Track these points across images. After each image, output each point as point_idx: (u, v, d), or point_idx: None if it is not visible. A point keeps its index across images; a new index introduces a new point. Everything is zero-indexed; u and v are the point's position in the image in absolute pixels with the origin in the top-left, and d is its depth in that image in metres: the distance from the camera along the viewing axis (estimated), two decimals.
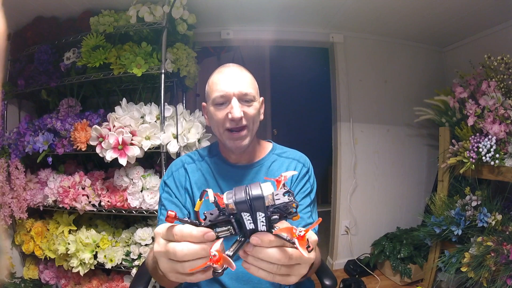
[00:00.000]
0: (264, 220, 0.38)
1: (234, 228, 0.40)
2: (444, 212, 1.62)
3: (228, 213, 0.39)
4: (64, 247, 1.47)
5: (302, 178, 0.87)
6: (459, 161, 1.58)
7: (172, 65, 1.48)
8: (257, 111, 0.82)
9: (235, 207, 0.38)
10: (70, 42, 1.58)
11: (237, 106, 0.76)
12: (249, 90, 0.79)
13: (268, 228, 0.39)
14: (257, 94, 0.83)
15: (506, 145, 1.42)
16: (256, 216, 0.38)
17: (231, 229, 0.40)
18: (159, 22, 1.48)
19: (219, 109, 0.79)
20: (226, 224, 0.40)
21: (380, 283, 2.01)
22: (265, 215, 0.38)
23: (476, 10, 1.67)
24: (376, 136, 2.25)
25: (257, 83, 0.85)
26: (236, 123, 0.77)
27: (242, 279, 0.81)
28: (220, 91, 0.77)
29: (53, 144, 1.48)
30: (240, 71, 0.82)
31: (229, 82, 0.78)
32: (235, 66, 0.83)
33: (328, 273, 0.91)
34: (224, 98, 0.78)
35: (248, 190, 0.38)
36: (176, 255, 0.39)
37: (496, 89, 1.48)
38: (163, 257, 0.41)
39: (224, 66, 0.83)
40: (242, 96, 0.78)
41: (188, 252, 0.39)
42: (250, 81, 0.81)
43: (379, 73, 2.24)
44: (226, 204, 0.38)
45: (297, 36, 2.09)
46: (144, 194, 1.42)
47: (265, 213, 0.38)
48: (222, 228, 0.40)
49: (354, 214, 2.23)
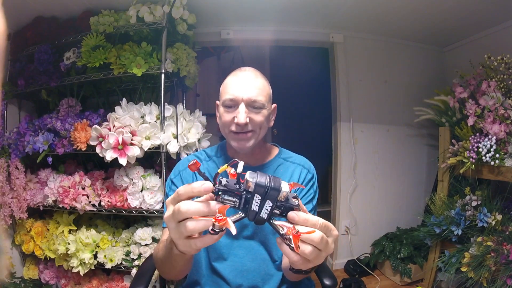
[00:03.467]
0: (269, 209, 0.42)
1: (240, 203, 0.42)
2: (444, 212, 1.63)
3: (244, 189, 0.42)
4: (64, 247, 1.47)
5: (306, 184, 0.89)
6: (459, 161, 1.58)
7: (172, 65, 1.48)
8: (265, 118, 0.82)
9: (253, 186, 0.41)
10: (70, 42, 1.58)
11: (243, 112, 0.77)
12: (259, 97, 0.79)
13: (268, 217, 0.43)
14: (268, 101, 0.83)
15: (506, 145, 1.42)
16: (265, 203, 0.42)
17: (237, 202, 0.42)
18: (159, 22, 1.48)
19: (227, 111, 0.81)
20: (235, 196, 0.42)
21: (380, 283, 2.01)
22: (272, 205, 0.42)
23: (476, 10, 1.67)
24: (376, 136, 2.26)
25: None
26: (241, 128, 0.79)
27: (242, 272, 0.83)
28: (230, 94, 0.79)
29: (53, 144, 1.48)
30: (254, 77, 0.82)
31: (240, 87, 0.79)
32: (251, 71, 0.83)
33: (328, 273, 0.91)
34: (233, 102, 0.79)
35: (271, 179, 0.42)
36: (180, 210, 0.42)
37: (496, 89, 1.48)
38: (171, 221, 0.44)
39: (240, 70, 0.84)
40: (250, 103, 0.79)
41: (190, 206, 0.42)
42: (262, 88, 0.81)
43: (379, 73, 2.24)
44: (247, 180, 0.41)
45: (297, 36, 2.09)
46: (144, 194, 1.42)
47: (273, 204, 0.42)
48: (229, 198, 0.42)
49: (354, 214, 2.23)
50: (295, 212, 0.43)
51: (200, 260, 0.86)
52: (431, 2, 1.62)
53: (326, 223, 0.45)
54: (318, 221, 0.44)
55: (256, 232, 0.85)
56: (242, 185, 0.42)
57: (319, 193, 0.92)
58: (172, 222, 0.43)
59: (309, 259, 0.43)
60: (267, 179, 0.41)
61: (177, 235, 0.44)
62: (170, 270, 0.70)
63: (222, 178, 0.43)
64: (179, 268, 0.67)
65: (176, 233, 0.44)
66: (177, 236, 0.44)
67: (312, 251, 0.42)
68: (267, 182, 0.41)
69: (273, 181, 0.41)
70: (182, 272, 0.74)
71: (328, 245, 0.44)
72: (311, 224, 0.43)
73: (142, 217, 1.58)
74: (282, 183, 0.42)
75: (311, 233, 0.41)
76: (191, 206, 0.42)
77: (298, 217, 0.43)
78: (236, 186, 0.42)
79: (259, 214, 0.42)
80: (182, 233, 0.43)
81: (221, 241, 0.83)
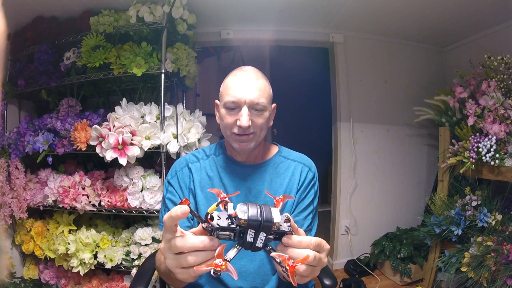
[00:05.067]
0: (263, 239, 0.43)
1: (235, 235, 0.44)
2: (444, 212, 1.63)
3: (236, 224, 0.43)
4: (64, 247, 1.47)
5: (308, 184, 0.88)
6: (459, 161, 1.58)
7: (172, 65, 1.48)
8: (266, 119, 0.82)
9: (246, 222, 0.41)
10: (70, 42, 1.58)
11: (246, 115, 0.77)
12: (261, 99, 0.78)
13: (263, 246, 0.44)
14: (269, 102, 0.83)
15: (506, 145, 1.42)
16: (259, 235, 0.43)
17: (231, 235, 0.43)
18: (159, 22, 1.48)
19: (229, 114, 0.80)
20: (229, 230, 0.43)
21: (380, 283, 2.01)
22: (266, 236, 0.43)
23: (476, 10, 1.67)
24: (376, 136, 2.26)
25: None
26: (244, 130, 0.78)
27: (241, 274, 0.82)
28: (232, 96, 0.78)
29: (53, 144, 1.48)
30: (255, 78, 0.80)
31: (242, 89, 0.78)
32: (252, 71, 0.82)
33: (328, 273, 0.91)
34: (235, 104, 0.78)
35: (262, 211, 0.42)
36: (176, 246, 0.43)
37: (496, 89, 1.48)
38: (168, 252, 0.44)
39: (241, 70, 0.83)
40: (253, 105, 0.78)
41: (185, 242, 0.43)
42: (264, 89, 0.80)
43: (379, 73, 2.24)
44: (239, 218, 0.41)
45: (297, 36, 2.08)
46: (144, 194, 1.42)
47: (267, 234, 0.43)
48: (224, 232, 0.43)
49: (354, 214, 2.23)
50: (288, 237, 0.45)
51: None
52: (431, 2, 1.62)
53: (319, 241, 0.47)
54: (311, 241, 0.46)
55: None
56: (234, 220, 0.43)
57: (319, 193, 0.92)
58: (169, 254, 0.44)
59: (305, 275, 0.46)
60: (258, 212, 0.42)
61: (175, 265, 0.44)
62: (172, 283, 0.74)
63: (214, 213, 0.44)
64: (181, 284, 0.73)
65: (173, 263, 0.44)
66: (174, 266, 0.44)
67: (307, 269, 0.45)
68: (258, 216, 0.42)
69: (265, 214, 0.42)
70: (183, 284, 0.76)
71: (321, 260, 0.46)
72: (305, 246, 0.45)
73: (142, 217, 1.58)
74: (274, 213, 0.43)
75: (307, 259, 0.43)
76: (186, 242, 0.42)
77: (292, 241, 0.45)
78: (228, 221, 0.43)
79: (255, 245, 0.43)
80: (180, 264, 0.43)
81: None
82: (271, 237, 0.45)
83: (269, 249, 0.45)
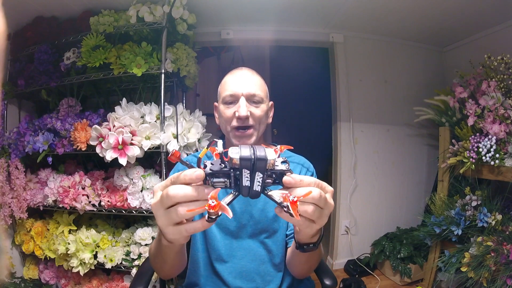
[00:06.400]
0: (260, 180, 0.40)
1: (231, 181, 0.41)
2: (444, 212, 1.62)
3: (230, 167, 0.40)
4: (64, 247, 1.47)
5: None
6: (459, 161, 1.58)
7: (172, 65, 1.48)
8: (264, 113, 0.86)
9: (239, 162, 0.39)
10: (70, 42, 1.58)
11: (244, 105, 0.81)
12: (258, 92, 0.83)
13: (262, 189, 0.41)
14: (266, 97, 0.88)
15: (506, 145, 1.42)
16: (255, 176, 0.40)
17: (227, 182, 0.41)
18: (159, 22, 1.48)
19: (227, 108, 0.84)
20: (224, 177, 0.41)
21: (380, 283, 2.01)
22: (263, 176, 0.40)
23: (476, 10, 1.67)
24: (376, 136, 2.25)
25: None
26: (243, 121, 0.81)
27: (242, 274, 0.82)
28: (230, 90, 0.83)
29: (53, 144, 1.48)
30: (251, 74, 0.87)
31: (239, 83, 0.84)
32: (247, 69, 0.89)
33: (328, 273, 0.91)
34: (233, 97, 0.83)
35: (254, 150, 0.40)
36: (169, 195, 0.40)
37: (496, 89, 1.48)
38: (159, 208, 0.42)
39: (237, 69, 0.89)
40: (250, 97, 0.83)
41: (178, 190, 0.40)
42: (260, 84, 0.86)
43: (379, 73, 2.24)
44: (231, 158, 0.39)
45: (297, 36, 2.09)
46: (144, 194, 1.42)
47: (263, 174, 0.40)
48: (219, 179, 0.41)
49: (354, 214, 2.23)
50: (288, 176, 0.42)
51: (198, 261, 0.85)
52: (431, 2, 1.62)
53: (320, 181, 0.45)
54: (311, 179, 0.44)
55: (255, 233, 0.85)
56: (227, 164, 0.40)
57: None
58: (160, 209, 0.42)
59: (313, 219, 0.43)
60: (251, 150, 0.40)
61: (166, 221, 0.42)
62: (162, 266, 0.70)
63: (206, 161, 0.41)
64: (170, 262, 0.68)
65: (164, 219, 0.42)
66: (165, 223, 0.42)
67: (314, 210, 0.42)
68: (251, 154, 0.39)
69: (257, 152, 0.40)
70: (174, 267, 0.73)
71: (327, 202, 0.44)
72: (306, 184, 0.43)
73: (142, 217, 1.58)
74: (267, 151, 0.41)
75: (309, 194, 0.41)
76: (180, 190, 0.40)
77: (293, 180, 0.42)
78: (221, 165, 0.41)
79: (252, 188, 0.41)
80: (171, 219, 0.41)
81: (220, 241, 0.83)
82: (269, 180, 0.42)
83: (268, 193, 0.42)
